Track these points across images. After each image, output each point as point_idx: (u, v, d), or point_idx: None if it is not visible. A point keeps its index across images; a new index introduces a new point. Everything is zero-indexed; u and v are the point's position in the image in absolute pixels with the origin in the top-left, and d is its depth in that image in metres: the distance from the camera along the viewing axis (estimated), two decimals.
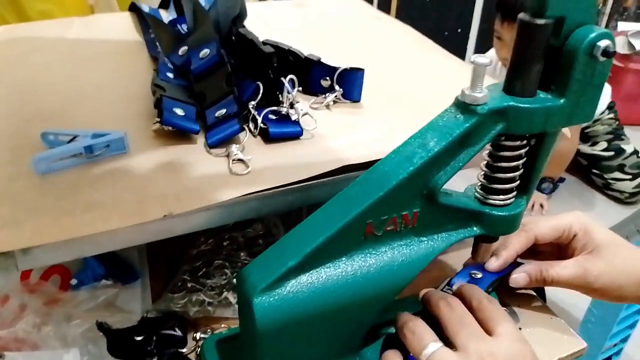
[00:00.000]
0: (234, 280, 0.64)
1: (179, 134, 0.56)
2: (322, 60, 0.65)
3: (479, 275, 0.55)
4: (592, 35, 0.41)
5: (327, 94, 0.64)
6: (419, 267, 0.47)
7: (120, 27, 0.85)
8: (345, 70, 0.63)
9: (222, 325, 0.60)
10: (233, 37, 0.68)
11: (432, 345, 0.40)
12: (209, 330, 0.59)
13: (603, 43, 0.41)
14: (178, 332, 0.57)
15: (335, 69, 0.63)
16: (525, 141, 0.46)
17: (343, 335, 0.47)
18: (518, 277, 0.53)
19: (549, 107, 0.44)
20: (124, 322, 0.58)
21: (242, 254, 0.67)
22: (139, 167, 0.51)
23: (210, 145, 0.54)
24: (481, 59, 0.43)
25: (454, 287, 0.50)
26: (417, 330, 0.41)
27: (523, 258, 0.55)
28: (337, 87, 0.64)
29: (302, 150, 0.55)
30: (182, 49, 0.67)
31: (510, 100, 0.44)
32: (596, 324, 1.43)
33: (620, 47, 1.98)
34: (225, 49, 0.65)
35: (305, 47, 0.67)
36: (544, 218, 0.54)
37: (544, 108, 0.44)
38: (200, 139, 0.56)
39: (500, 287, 0.56)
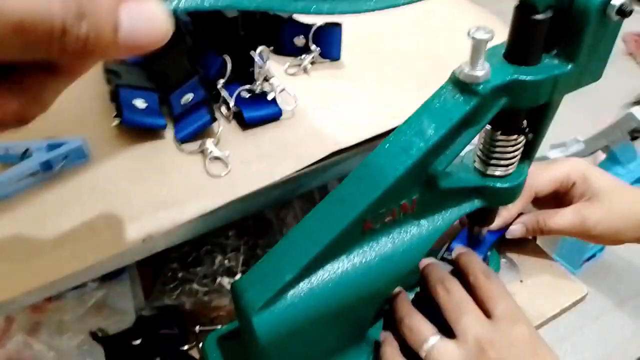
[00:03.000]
0: (226, 262, 0.61)
1: (145, 129, 0.49)
2: (293, 16, 0.57)
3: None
4: None
5: (303, 56, 0.57)
6: (422, 251, 0.44)
7: None
8: (320, 27, 0.56)
9: (221, 314, 0.58)
10: None
11: (431, 339, 0.40)
12: (207, 323, 0.57)
13: (618, 0, 0.35)
14: (176, 330, 0.55)
15: (309, 26, 0.56)
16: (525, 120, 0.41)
17: (349, 329, 0.45)
18: (514, 229, 0.52)
19: (557, 76, 0.38)
20: (119, 324, 0.56)
21: (230, 233, 0.64)
22: (104, 178, 0.46)
23: (181, 141, 0.49)
24: (481, 33, 0.36)
25: (453, 254, 0.49)
26: (415, 326, 0.41)
27: None
28: (313, 47, 0.57)
29: (283, 133, 0.50)
30: None
31: (514, 73, 0.38)
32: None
33: None
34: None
35: None
36: (541, 168, 0.51)
37: (552, 77, 0.38)
38: (169, 132, 0.50)
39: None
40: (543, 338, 0.41)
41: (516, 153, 0.43)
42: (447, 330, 0.41)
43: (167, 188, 0.45)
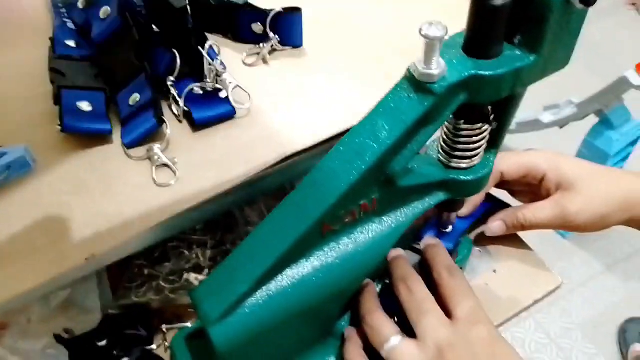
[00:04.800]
0: (193, 257, 0.60)
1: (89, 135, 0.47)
2: (249, 1, 0.53)
3: (448, 229, 0.51)
4: None
5: (261, 44, 0.54)
6: (386, 248, 0.43)
7: None
8: (279, 13, 0.52)
9: (189, 310, 0.57)
10: None
11: (392, 339, 0.39)
12: (174, 320, 0.56)
13: None
14: (142, 331, 0.54)
15: (267, 12, 0.52)
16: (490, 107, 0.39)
17: (314, 328, 0.45)
18: (494, 226, 0.51)
19: (520, 68, 0.36)
20: (85, 324, 0.55)
21: (196, 227, 0.62)
22: (48, 190, 0.44)
23: (128, 146, 0.46)
24: (434, 30, 0.34)
25: (422, 244, 0.48)
26: (376, 325, 0.41)
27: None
28: (271, 35, 0.53)
29: (237, 134, 0.47)
30: (81, 0, 0.55)
31: (472, 68, 0.35)
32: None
33: None
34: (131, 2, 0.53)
35: None
36: (510, 153, 0.50)
37: (513, 70, 0.36)
38: (117, 134, 0.48)
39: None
40: (505, 338, 0.41)
41: (481, 143, 0.41)
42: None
43: (113, 201, 0.43)
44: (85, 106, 0.47)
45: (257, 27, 0.54)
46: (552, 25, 0.34)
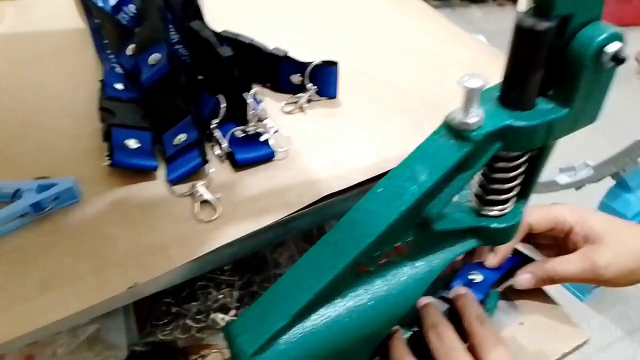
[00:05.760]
0: (220, 297, 0.61)
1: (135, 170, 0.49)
2: (289, 54, 0.56)
3: (478, 279, 0.52)
4: (600, 38, 0.34)
5: (299, 94, 0.57)
6: (418, 293, 0.44)
7: (61, 12, 0.75)
8: (317, 65, 0.55)
9: (213, 351, 0.58)
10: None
11: None
12: (199, 358, 0.56)
13: (612, 47, 0.35)
14: None
15: (306, 64, 0.56)
16: (524, 157, 0.41)
17: None
18: (522, 279, 0.51)
19: (552, 120, 0.38)
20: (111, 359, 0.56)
21: (225, 267, 0.63)
22: (93, 220, 0.46)
23: (172, 182, 0.48)
24: (473, 82, 0.36)
25: (451, 293, 0.48)
26: None
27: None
28: (309, 85, 0.56)
29: (276, 175, 0.50)
30: (130, 47, 0.59)
31: (508, 119, 0.37)
32: None
33: None
34: (182, 44, 0.56)
35: (270, 29, 0.58)
36: (537, 207, 0.51)
37: (546, 122, 0.38)
38: (161, 171, 0.50)
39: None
40: None
41: (513, 192, 0.43)
42: None
43: (155, 233, 0.45)
44: (132, 143, 0.49)
45: (295, 78, 0.57)
46: (584, 81, 0.36)
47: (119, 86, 0.57)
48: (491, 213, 0.44)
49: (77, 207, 0.47)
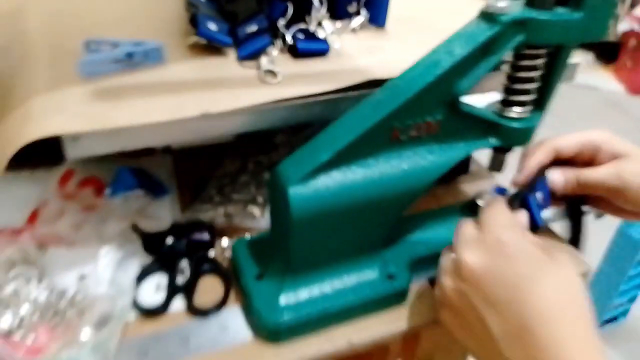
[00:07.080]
0: (258, 197, 0.68)
1: (212, 49, 0.58)
2: None
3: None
4: None
5: (352, 19, 0.66)
6: (438, 172, 0.51)
7: None
8: None
9: (247, 234, 0.63)
10: None
11: None
12: (234, 237, 0.62)
13: None
14: (206, 237, 0.61)
15: None
16: (543, 51, 0.49)
17: (366, 231, 0.51)
18: (554, 175, 0.53)
19: (567, 21, 0.47)
20: (156, 227, 0.62)
21: (266, 174, 0.70)
22: (175, 75, 0.54)
23: (242, 58, 0.57)
24: None
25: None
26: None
27: None
28: (362, 12, 0.66)
29: (329, 65, 0.58)
30: None
31: (531, 12, 0.47)
32: (603, 282, 1.46)
33: None
34: None
35: None
36: (563, 134, 0.54)
37: (562, 21, 0.47)
38: (232, 54, 0.59)
39: None
40: None
41: (531, 96, 0.51)
42: None
43: (227, 85, 0.53)
44: (213, 26, 0.58)
45: (351, 8, 0.67)
46: None
47: None
48: (511, 114, 0.52)
49: (162, 67, 0.56)
